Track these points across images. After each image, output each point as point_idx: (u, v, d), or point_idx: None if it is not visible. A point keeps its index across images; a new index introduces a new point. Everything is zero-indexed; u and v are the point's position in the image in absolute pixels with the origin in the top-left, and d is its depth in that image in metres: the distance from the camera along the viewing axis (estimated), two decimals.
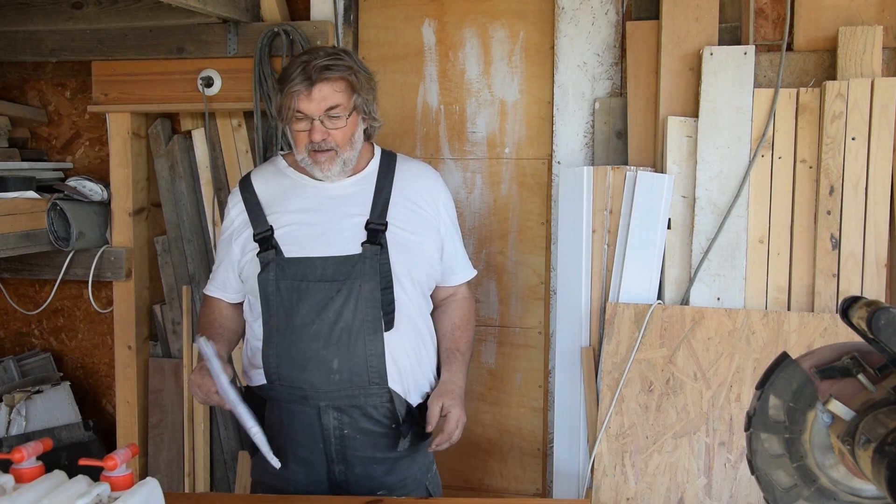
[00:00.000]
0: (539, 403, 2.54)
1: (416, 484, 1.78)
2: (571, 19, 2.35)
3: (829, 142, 2.03)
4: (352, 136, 1.70)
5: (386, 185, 1.76)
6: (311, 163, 1.70)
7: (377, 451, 1.71)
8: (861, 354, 0.81)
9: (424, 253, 1.75)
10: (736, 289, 2.10)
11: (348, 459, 1.70)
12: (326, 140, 1.66)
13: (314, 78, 1.63)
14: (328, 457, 1.70)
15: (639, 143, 2.26)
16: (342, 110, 1.66)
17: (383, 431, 1.70)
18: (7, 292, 2.92)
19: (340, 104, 1.66)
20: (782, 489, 0.82)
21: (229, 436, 2.71)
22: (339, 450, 1.69)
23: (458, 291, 1.90)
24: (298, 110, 1.65)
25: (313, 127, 1.65)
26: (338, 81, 1.65)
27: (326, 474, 1.72)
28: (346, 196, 1.75)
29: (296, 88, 1.63)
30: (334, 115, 1.66)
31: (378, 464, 1.72)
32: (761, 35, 2.24)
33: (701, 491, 2.05)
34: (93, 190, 2.63)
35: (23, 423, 2.60)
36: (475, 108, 2.54)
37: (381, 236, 1.68)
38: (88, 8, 2.52)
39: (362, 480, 1.71)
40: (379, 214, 1.71)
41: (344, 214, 1.71)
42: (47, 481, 1.21)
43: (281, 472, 1.70)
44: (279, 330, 1.68)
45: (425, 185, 1.81)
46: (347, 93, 1.67)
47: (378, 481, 1.72)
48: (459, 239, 1.89)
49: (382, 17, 2.60)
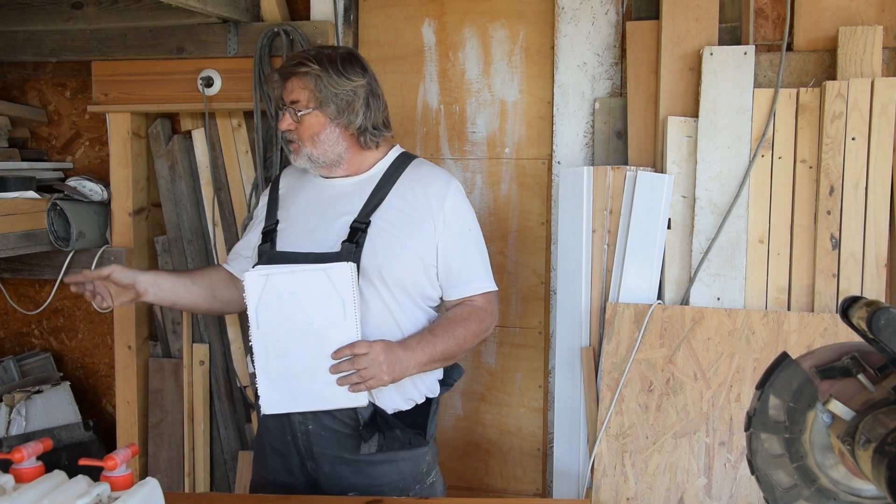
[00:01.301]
0: (539, 403, 2.54)
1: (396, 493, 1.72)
2: (571, 19, 2.35)
3: (829, 142, 2.03)
4: (314, 135, 1.74)
5: (386, 186, 1.76)
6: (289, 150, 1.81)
7: (344, 451, 1.69)
8: (861, 354, 0.81)
9: (404, 256, 1.69)
10: (736, 289, 2.10)
11: (315, 456, 1.71)
12: (291, 132, 1.76)
13: (284, 70, 1.76)
14: (298, 451, 1.72)
15: (639, 143, 2.26)
16: (301, 107, 1.73)
17: (348, 432, 1.68)
18: (7, 292, 2.92)
19: (300, 101, 1.73)
20: (782, 489, 0.82)
21: (229, 436, 2.71)
22: (307, 445, 1.71)
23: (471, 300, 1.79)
24: (280, 97, 1.77)
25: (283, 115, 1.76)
26: (304, 78, 1.73)
27: (300, 468, 1.73)
28: (343, 195, 1.77)
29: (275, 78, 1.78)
30: (297, 111, 1.74)
31: (346, 464, 1.70)
32: (761, 35, 2.24)
33: (701, 491, 2.05)
34: (93, 190, 2.63)
35: (23, 423, 2.60)
36: (475, 108, 2.54)
37: (360, 235, 1.68)
38: (88, 8, 2.52)
39: (332, 479, 1.71)
40: (365, 214, 1.71)
41: (336, 213, 1.74)
42: (47, 481, 1.21)
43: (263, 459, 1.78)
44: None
45: (426, 191, 1.75)
46: (309, 91, 1.73)
47: (348, 482, 1.70)
48: (476, 252, 1.80)
49: (382, 17, 2.60)
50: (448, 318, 1.76)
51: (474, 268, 1.79)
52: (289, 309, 1.62)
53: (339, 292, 1.60)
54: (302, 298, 1.61)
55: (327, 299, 1.60)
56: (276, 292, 1.61)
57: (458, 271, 1.76)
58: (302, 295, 1.61)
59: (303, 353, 1.62)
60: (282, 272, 1.62)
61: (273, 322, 1.62)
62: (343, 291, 1.60)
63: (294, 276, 1.62)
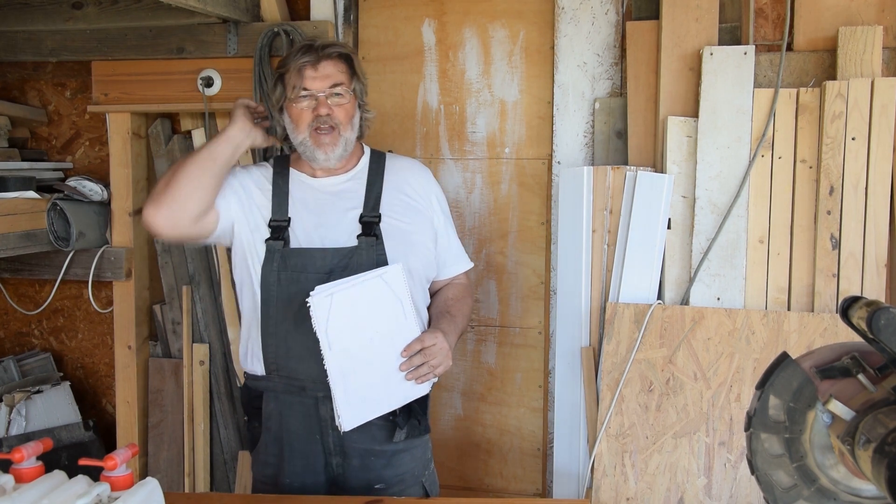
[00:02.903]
0: (539, 403, 2.54)
1: (413, 480, 1.78)
2: (571, 19, 2.35)
3: (829, 142, 2.03)
4: (352, 117, 1.76)
5: (377, 180, 1.80)
6: (313, 144, 1.73)
7: (374, 444, 1.71)
8: (861, 354, 0.81)
9: (419, 242, 1.78)
10: (736, 289, 2.10)
11: (346, 451, 1.70)
12: (331, 115, 1.72)
13: (320, 54, 1.72)
14: (325, 448, 1.71)
15: (639, 143, 2.26)
16: (345, 88, 1.73)
17: (380, 423, 1.70)
18: (7, 292, 2.92)
19: (343, 83, 1.73)
20: (782, 489, 0.82)
21: (229, 436, 2.71)
22: (337, 441, 1.70)
23: (456, 279, 1.92)
24: (304, 87, 1.71)
25: (319, 101, 1.71)
26: (340, 62, 1.74)
27: (324, 466, 1.72)
28: (339, 192, 1.79)
29: (303, 61, 1.70)
30: (338, 93, 1.72)
31: (376, 456, 1.72)
32: (761, 35, 2.24)
33: (701, 491, 2.05)
34: (93, 190, 2.64)
35: (23, 423, 2.61)
36: (475, 108, 2.54)
37: (376, 228, 1.72)
38: (88, 8, 2.52)
39: (360, 473, 1.71)
40: (372, 207, 1.75)
41: (339, 209, 1.75)
42: (47, 481, 1.21)
43: (279, 463, 1.72)
44: (278, 321, 1.70)
45: (416, 179, 1.85)
46: (348, 74, 1.75)
47: (376, 474, 1.72)
48: (454, 232, 1.92)
49: (382, 17, 2.60)
50: (453, 299, 1.86)
51: (457, 248, 1.92)
52: (356, 322, 1.61)
53: (397, 294, 1.63)
54: (366, 309, 1.62)
55: (388, 304, 1.63)
56: (341, 309, 1.59)
57: (448, 252, 1.88)
58: (365, 306, 1.61)
59: (374, 362, 1.63)
60: (343, 288, 1.60)
61: (344, 339, 1.61)
62: (400, 292, 1.63)
63: (355, 289, 1.60)
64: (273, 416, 1.73)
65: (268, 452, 1.77)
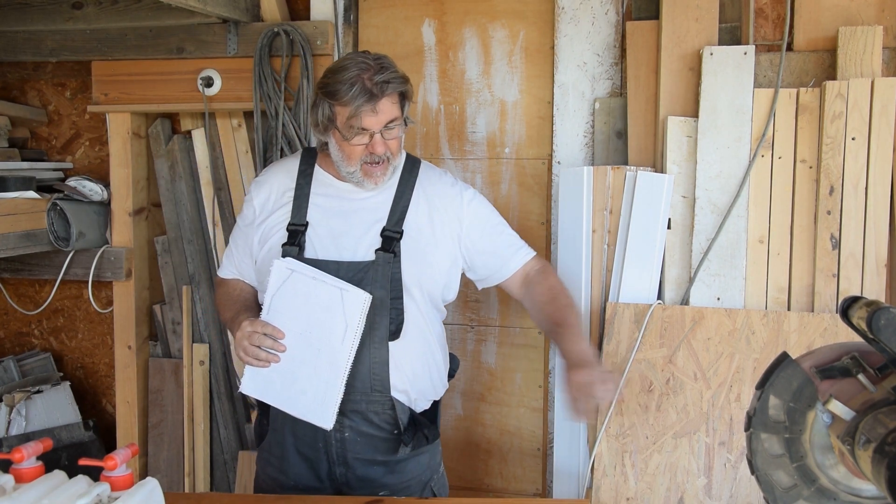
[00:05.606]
0: (539, 403, 2.54)
1: (419, 486, 1.78)
2: (571, 19, 2.35)
3: (829, 142, 2.03)
4: (401, 143, 1.72)
5: (406, 192, 1.74)
6: (363, 176, 1.68)
7: (378, 454, 1.71)
8: (861, 354, 0.81)
9: (437, 265, 1.73)
10: (736, 289, 2.10)
11: (348, 462, 1.70)
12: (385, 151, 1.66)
13: (377, 93, 1.60)
14: (329, 458, 1.71)
15: (639, 143, 2.26)
16: (398, 122, 1.67)
17: (384, 436, 1.70)
18: (7, 292, 2.92)
19: (397, 117, 1.66)
20: (782, 489, 0.82)
21: (229, 436, 2.71)
22: (340, 452, 1.69)
23: (528, 270, 1.83)
24: (362, 127, 1.62)
25: (374, 140, 1.63)
26: (395, 95, 1.65)
27: (328, 473, 1.72)
28: (365, 201, 1.73)
29: (362, 106, 1.59)
30: (391, 128, 1.65)
31: (379, 465, 1.72)
32: (761, 35, 2.24)
33: (701, 491, 2.05)
34: (93, 190, 2.64)
35: (23, 423, 2.61)
36: (475, 108, 2.54)
37: (396, 244, 1.67)
38: (88, 8, 2.52)
39: (363, 481, 1.71)
40: (396, 222, 1.70)
41: (362, 220, 1.71)
42: (47, 481, 1.21)
43: (283, 465, 1.73)
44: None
45: (446, 195, 1.78)
46: (400, 104, 1.67)
47: (379, 482, 1.72)
48: (503, 230, 1.85)
49: (382, 17, 2.60)
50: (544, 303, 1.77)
51: (515, 239, 1.86)
52: (298, 309, 1.62)
53: (346, 317, 1.60)
54: (313, 305, 1.62)
55: (334, 317, 1.61)
56: (294, 289, 1.62)
57: (503, 249, 1.82)
58: (314, 302, 1.62)
59: (293, 355, 1.63)
60: (305, 274, 1.62)
61: (281, 314, 1.63)
62: (350, 317, 1.60)
63: (314, 282, 1.62)
64: (278, 417, 1.73)
65: (272, 453, 1.78)
